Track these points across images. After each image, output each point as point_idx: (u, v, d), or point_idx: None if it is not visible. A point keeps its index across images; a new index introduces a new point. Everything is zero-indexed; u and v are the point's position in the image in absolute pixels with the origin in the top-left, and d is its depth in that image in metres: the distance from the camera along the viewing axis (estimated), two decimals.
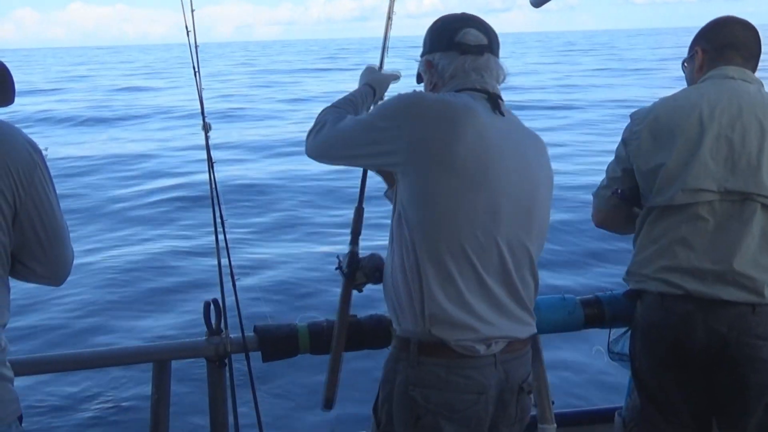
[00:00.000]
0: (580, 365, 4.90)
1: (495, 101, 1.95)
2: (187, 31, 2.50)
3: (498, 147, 1.87)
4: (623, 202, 2.40)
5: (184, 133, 20.30)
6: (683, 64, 2.49)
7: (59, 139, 20.40)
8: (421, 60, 2.08)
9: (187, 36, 2.50)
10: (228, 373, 2.38)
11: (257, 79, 45.11)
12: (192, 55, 2.51)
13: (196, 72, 2.54)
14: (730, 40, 2.35)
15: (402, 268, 1.88)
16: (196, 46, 2.51)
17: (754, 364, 2.19)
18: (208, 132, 2.45)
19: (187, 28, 2.50)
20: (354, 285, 2.16)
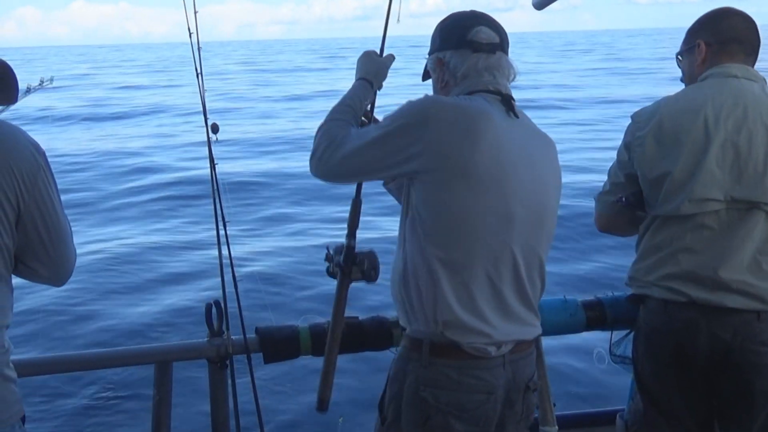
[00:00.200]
0: (581, 367, 4.89)
1: (509, 103, 1.94)
2: (190, 33, 2.49)
3: (513, 153, 1.87)
4: (628, 208, 2.37)
5: (182, 130, 20.39)
6: (678, 56, 2.42)
7: (59, 136, 20.47)
8: (430, 57, 2.05)
9: (190, 38, 2.49)
10: (229, 375, 2.38)
11: (258, 78, 45.15)
12: (195, 59, 2.49)
13: (198, 74, 2.53)
14: (733, 33, 2.29)
15: (414, 272, 1.87)
16: (199, 48, 2.50)
17: (759, 370, 2.18)
18: (216, 132, 2.43)
19: (190, 30, 2.48)
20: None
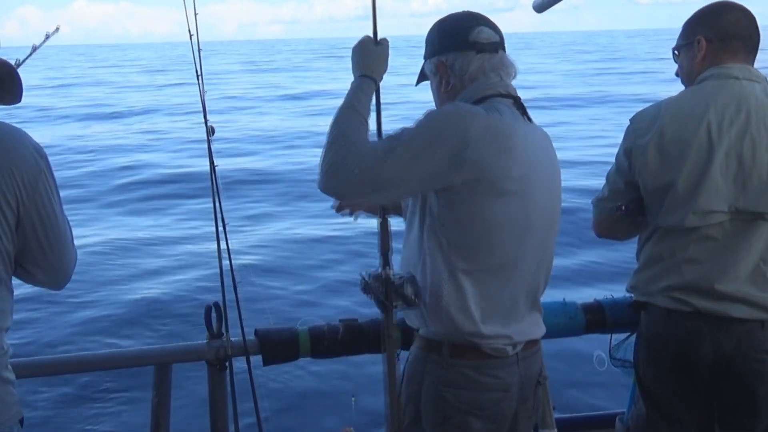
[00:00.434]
0: (580, 370, 4.87)
1: (522, 107, 1.94)
2: (190, 35, 2.48)
3: (534, 162, 1.89)
4: (628, 217, 2.32)
5: (182, 127, 20.44)
6: (675, 51, 2.35)
7: (59, 134, 20.53)
8: (430, 61, 2.01)
9: (190, 39, 2.48)
10: (228, 377, 2.38)
11: (257, 77, 45.21)
12: (195, 60, 2.49)
13: (198, 75, 2.53)
14: (735, 29, 2.23)
15: (438, 282, 1.87)
16: (199, 49, 2.49)
17: (761, 377, 2.17)
18: (210, 136, 2.43)
19: (190, 31, 2.48)
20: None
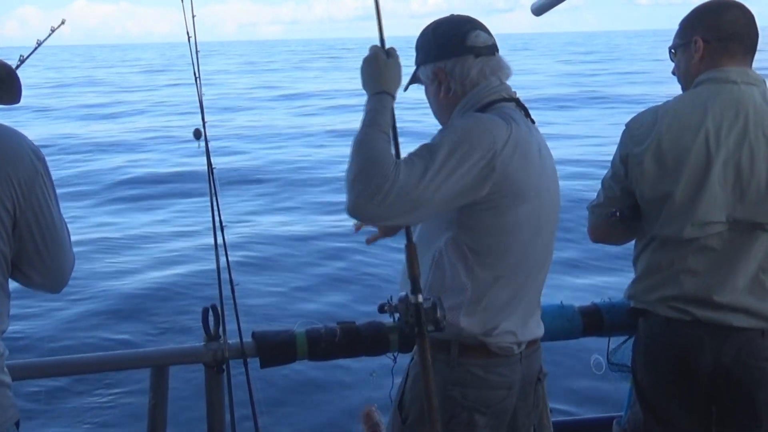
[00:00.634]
0: (578, 373, 4.87)
1: (525, 109, 1.96)
2: (189, 38, 2.48)
3: (543, 166, 1.92)
4: (623, 222, 2.32)
5: (181, 125, 20.51)
6: (672, 50, 2.31)
7: (58, 133, 20.57)
8: (426, 68, 1.99)
9: (189, 42, 2.48)
10: (226, 379, 2.38)
11: (257, 77, 45.32)
12: (193, 62, 2.49)
13: (196, 77, 2.52)
14: (733, 29, 2.19)
15: (460, 291, 1.89)
16: (197, 51, 2.49)
17: (761, 385, 2.17)
18: (199, 138, 2.43)
19: (189, 34, 2.48)
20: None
